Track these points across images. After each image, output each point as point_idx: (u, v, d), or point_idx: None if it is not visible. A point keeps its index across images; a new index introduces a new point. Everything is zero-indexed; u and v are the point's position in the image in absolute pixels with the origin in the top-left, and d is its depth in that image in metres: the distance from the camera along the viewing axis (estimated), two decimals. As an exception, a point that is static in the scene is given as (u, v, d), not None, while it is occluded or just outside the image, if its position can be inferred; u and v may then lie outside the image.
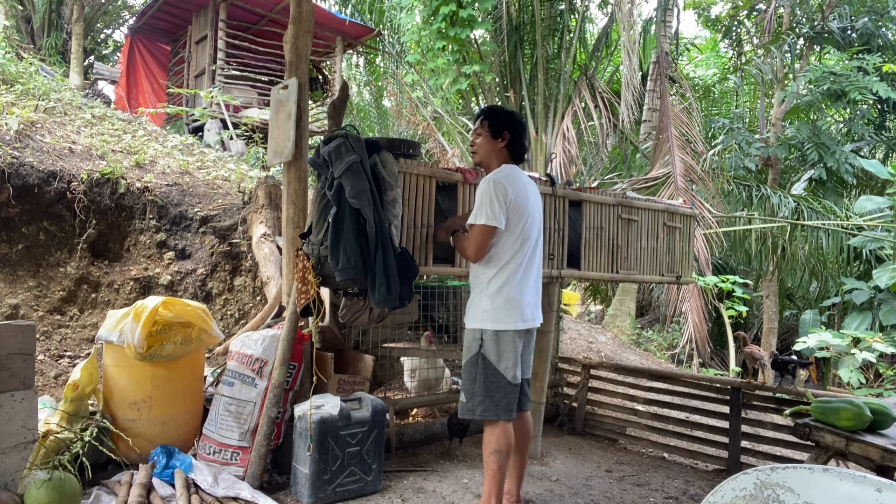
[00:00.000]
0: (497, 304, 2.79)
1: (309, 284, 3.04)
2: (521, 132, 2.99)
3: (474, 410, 2.79)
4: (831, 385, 9.19)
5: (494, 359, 2.78)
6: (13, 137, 5.13)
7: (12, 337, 2.58)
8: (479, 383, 2.79)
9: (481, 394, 2.77)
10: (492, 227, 2.76)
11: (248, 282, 5.24)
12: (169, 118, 10.22)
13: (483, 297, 2.83)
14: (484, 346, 2.79)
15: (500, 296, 2.79)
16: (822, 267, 9.93)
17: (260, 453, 3.10)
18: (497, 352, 2.78)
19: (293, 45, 3.52)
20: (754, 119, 13.54)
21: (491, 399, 2.77)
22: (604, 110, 8.60)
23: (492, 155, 2.97)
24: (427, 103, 11.83)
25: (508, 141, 2.93)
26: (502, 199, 2.75)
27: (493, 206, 2.74)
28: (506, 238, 2.81)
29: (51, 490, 2.50)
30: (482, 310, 2.82)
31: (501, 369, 2.77)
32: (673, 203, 4.72)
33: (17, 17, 10.87)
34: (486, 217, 2.75)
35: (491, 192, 2.76)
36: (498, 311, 2.78)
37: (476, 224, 2.79)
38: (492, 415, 2.77)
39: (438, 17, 6.92)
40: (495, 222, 2.75)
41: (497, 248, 2.82)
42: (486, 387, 2.78)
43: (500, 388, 2.77)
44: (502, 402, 2.77)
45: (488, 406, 2.76)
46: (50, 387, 3.91)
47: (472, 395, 2.80)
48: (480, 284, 2.86)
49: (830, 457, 2.93)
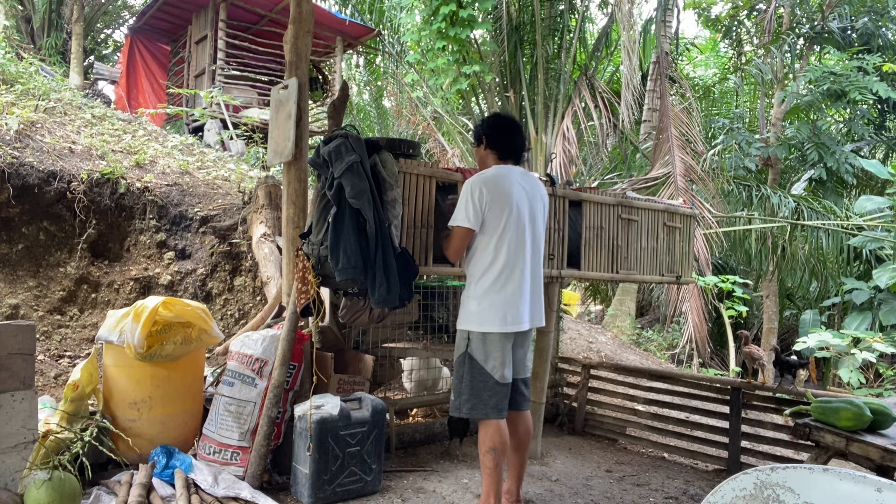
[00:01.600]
0: (483, 306, 2.81)
1: (309, 284, 3.04)
2: (501, 130, 3.01)
3: (461, 408, 2.81)
4: (831, 385, 9.19)
5: (481, 358, 2.80)
6: (13, 137, 5.13)
7: (12, 337, 2.58)
8: (466, 382, 2.81)
9: (468, 392, 2.80)
10: (465, 228, 2.81)
11: (248, 282, 5.24)
12: (169, 118, 10.22)
13: (470, 298, 2.86)
14: (471, 345, 2.82)
15: (486, 298, 2.81)
16: (822, 267, 9.92)
17: (260, 453, 3.10)
18: (484, 352, 2.79)
19: (293, 45, 3.52)
20: (754, 119, 13.54)
21: (478, 398, 2.78)
22: (604, 110, 8.60)
23: (481, 161, 3.06)
24: (427, 103, 11.84)
25: (487, 142, 3.00)
26: (477, 200, 2.79)
27: (468, 208, 2.79)
28: (487, 239, 2.83)
29: (51, 490, 2.50)
30: (468, 311, 2.85)
31: (489, 369, 2.79)
32: (673, 203, 4.72)
33: (17, 17, 10.87)
34: (461, 219, 2.81)
35: (466, 195, 2.82)
36: (484, 314, 2.80)
37: (454, 226, 2.86)
38: (479, 413, 2.79)
39: (438, 17, 6.92)
40: (467, 223, 2.79)
41: (480, 250, 2.84)
42: (473, 385, 2.79)
43: (487, 388, 2.79)
44: (490, 400, 2.79)
45: (475, 404, 2.79)
46: (50, 387, 3.91)
47: (459, 393, 2.83)
48: (469, 286, 2.89)
49: (830, 457, 2.93)
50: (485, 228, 2.82)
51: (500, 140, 2.99)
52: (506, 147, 2.99)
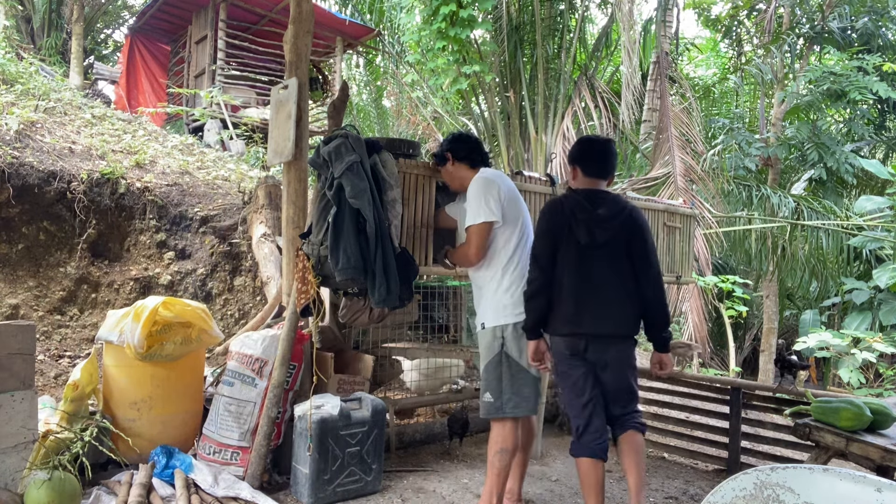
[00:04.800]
0: (516, 297, 2.78)
1: (309, 284, 3.04)
2: (461, 142, 3.04)
3: (503, 408, 2.78)
4: (831, 385, 9.19)
5: (517, 355, 2.78)
6: (13, 137, 5.13)
7: (12, 337, 2.58)
8: (506, 381, 2.79)
9: (509, 391, 2.78)
10: (490, 222, 2.78)
11: (248, 282, 5.25)
12: (169, 118, 10.22)
13: (499, 293, 2.81)
14: (506, 343, 2.79)
15: (516, 288, 2.79)
16: (822, 267, 9.91)
17: (260, 453, 3.10)
18: (518, 347, 2.78)
19: (293, 45, 3.52)
20: (754, 119, 13.53)
21: (520, 395, 2.78)
22: (604, 110, 8.60)
23: (455, 177, 3.06)
24: (427, 103, 11.84)
25: (453, 156, 3.01)
26: (495, 194, 2.78)
27: (489, 202, 2.76)
28: (507, 232, 2.82)
29: (51, 490, 2.50)
30: (502, 305, 2.80)
31: (525, 364, 2.78)
32: (673, 203, 4.72)
33: (17, 17, 10.86)
34: (485, 214, 2.77)
35: (480, 193, 2.79)
36: (518, 305, 2.77)
37: (474, 224, 2.79)
38: (522, 410, 2.79)
39: (438, 17, 6.92)
40: (493, 217, 2.77)
41: (501, 244, 2.83)
42: (513, 383, 2.78)
43: (527, 383, 2.80)
44: (531, 396, 2.81)
45: (518, 402, 2.78)
46: (50, 387, 3.91)
47: (499, 393, 2.79)
48: (493, 281, 2.83)
49: (830, 457, 2.92)
50: (505, 222, 2.81)
51: (464, 149, 3.01)
52: (473, 153, 3.01)
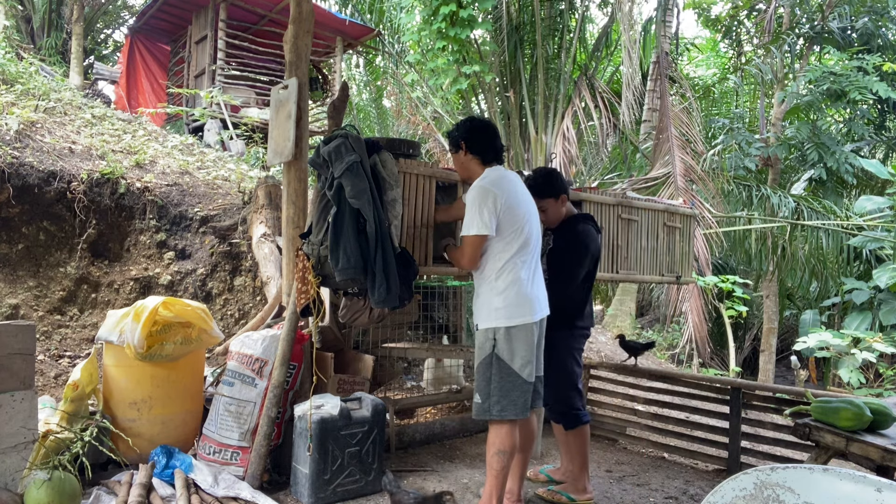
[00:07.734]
0: (509, 300, 2.77)
1: (309, 284, 3.04)
2: (480, 133, 2.96)
3: (490, 411, 2.77)
4: (831, 385, 9.19)
5: (508, 357, 2.76)
6: (13, 137, 5.13)
7: (12, 337, 2.58)
8: (495, 383, 2.77)
9: (497, 394, 2.76)
10: (481, 235, 2.76)
11: (248, 282, 5.24)
12: (169, 118, 10.22)
13: (492, 295, 2.80)
14: (497, 345, 2.78)
15: (510, 291, 2.77)
16: (822, 267, 9.92)
17: (260, 453, 3.10)
18: (510, 350, 2.76)
19: (293, 45, 3.52)
20: (754, 119, 13.52)
21: (508, 398, 2.76)
22: (604, 110, 8.61)
23: (464, 168, 3.00)
24: (427, 103, 11.83)
25: (467, 147, 2.94)
26: (491, 205, 2.74)
27: (483, 214, 2.74)
28: (504, 240, 2.79)
29: (51, 490, 2.50)
30: (494, 308, 2.79)
31: (516, 368, 2.76)
32: (673, 203, 4.72)
33: (17, 17, 10.86)
34: (477, 227, 2.75)
35: (478, 201, 2.76)
36: (510, 308, 2.76)
37: (468, 235, 2.79)
38: (509, 414, 2.76)
39: (438, 17, 6.92)
40: (486, 230, 2.75)
41: (497, 251, 2.80)
42: (502, 386, 2.76)
43: (516, 387, 2.77)
44: (519, 400, 2.77)
45: (505, 405, 2.76)
46: (50, 387, 3.91)
47: (486, 395, 2.78)
48: (488, 283, 2.83)
49: (830, 457, 2.92)
50: (501, 230, 2.78)
51: (480, 143, 2.94)
52: (487, 150, 2.95)
